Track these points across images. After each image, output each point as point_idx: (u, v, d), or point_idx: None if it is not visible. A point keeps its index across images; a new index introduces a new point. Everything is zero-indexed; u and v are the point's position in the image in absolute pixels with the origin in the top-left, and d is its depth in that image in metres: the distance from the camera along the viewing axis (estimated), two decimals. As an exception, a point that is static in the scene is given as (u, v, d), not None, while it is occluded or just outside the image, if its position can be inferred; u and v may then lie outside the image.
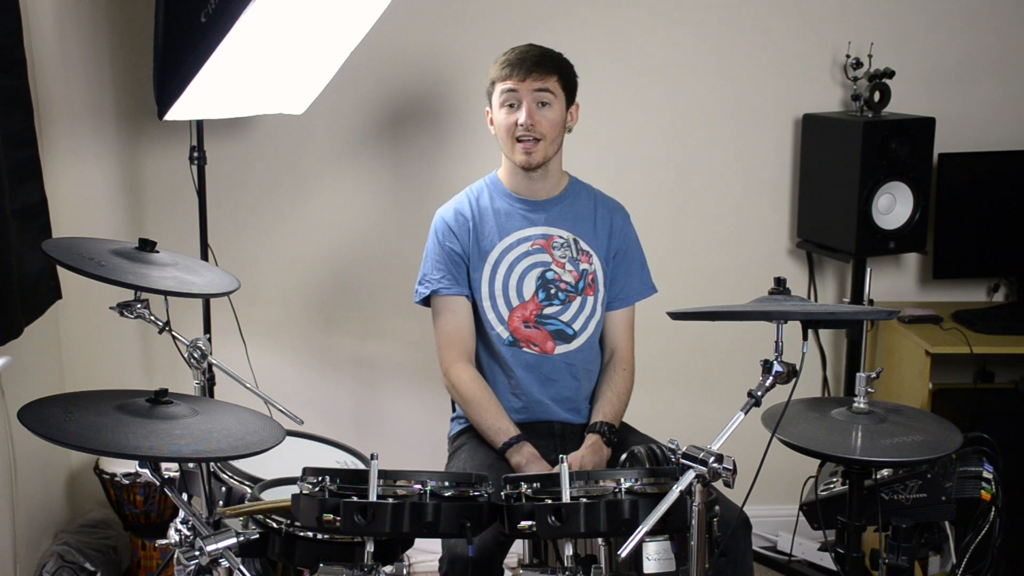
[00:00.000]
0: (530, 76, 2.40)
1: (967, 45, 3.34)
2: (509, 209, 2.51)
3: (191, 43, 2.39)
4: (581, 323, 2.50)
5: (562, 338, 2.48)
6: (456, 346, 2.48)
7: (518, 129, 2.41)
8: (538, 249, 2.49)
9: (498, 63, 2.45)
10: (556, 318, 2.48)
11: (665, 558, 1.77)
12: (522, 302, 2.47)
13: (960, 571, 2.26)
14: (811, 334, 1.85)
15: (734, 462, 1.62)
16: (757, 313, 1.83)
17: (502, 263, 2.48)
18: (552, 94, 2.42)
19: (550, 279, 2.48)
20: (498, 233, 2.49)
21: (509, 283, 2.48)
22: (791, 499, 2.47)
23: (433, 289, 2.48)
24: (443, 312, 2.49)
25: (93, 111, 3.14)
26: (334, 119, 3.21)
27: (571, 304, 2.49)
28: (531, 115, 2.40)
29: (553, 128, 2.43)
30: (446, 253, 2.49)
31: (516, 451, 2.34)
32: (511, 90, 2.41)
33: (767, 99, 3.32)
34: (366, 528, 1.72)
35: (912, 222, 3.09)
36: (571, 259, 2.50)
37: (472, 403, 2.43)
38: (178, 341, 2.13)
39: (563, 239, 2.50)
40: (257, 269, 3.25)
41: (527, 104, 2.40)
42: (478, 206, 2.52)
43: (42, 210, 2.80)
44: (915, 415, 2.13)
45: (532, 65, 2.40)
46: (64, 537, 3.01)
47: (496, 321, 2.47)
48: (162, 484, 1.75)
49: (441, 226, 2.52)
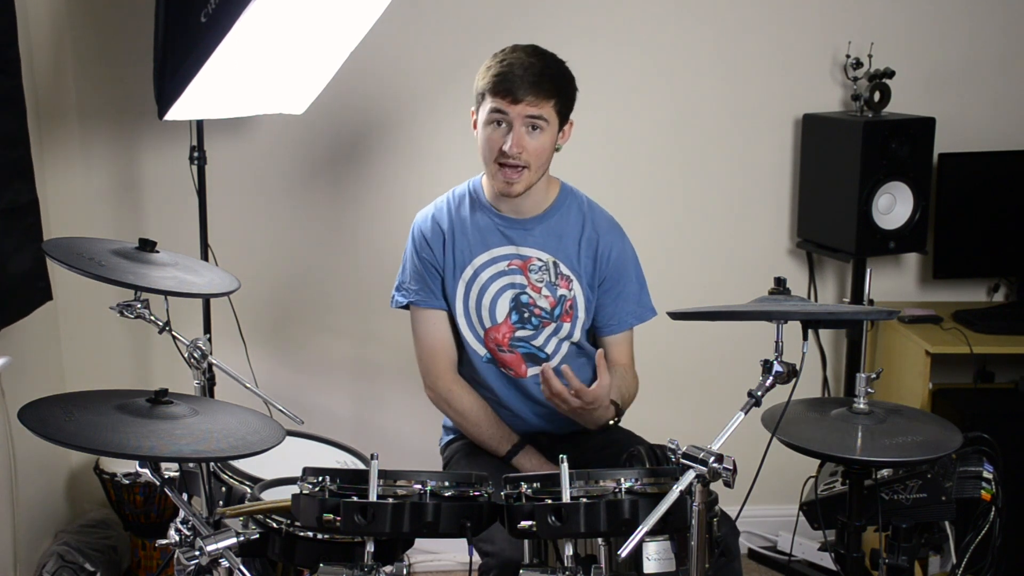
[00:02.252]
0: (524, 100, 2.16)
1: (967, 45, 3.34)
2: (488, 224, 2.36)
3: (191, 43, 2.39)
4: (553, 347, 2.40)
5: (534, 361, 2.39)
6: (439, 359, 2.40)
7: (502, 155, 2.21)
8: (514, 270, 2.35)
9: (491, 71, 2.20)
10: (528, 342, 2.38)
11: (665, 558, 1.77)
12: (495, 324, 2.37)
13: (960, 571, 2.26)
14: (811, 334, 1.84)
15: (734, 462, 1.62)
16: (757, 313, 1.83)
17: (476, 281, 2.37)
18: (545, 120, 2.20)
19: (524, 303, 2.36)
20: (473, 249, 2.36)
21: (483, 302, 2.37)
22: (791, 499, 2.46)
23: (411, 300, 2.41)
24: (422, 324, 2.41)
25: (93, 111, 3.14)
26: (334, 119, 3.20)
27: (544, 329, 2.38)
28: (519, 143, 2.19)
29: (540, 155, 2.23)
30: (422, 264, 2.39)
31: (524, 455, 2.32)
32: (500, 111, 2.19)
33: (767, 99, 3.32)
34: (366, 528, 1.72)
35: (912, 222, 3.10)
36: (548, 283, 2.35)
37: (469, 416, 2.37)
38: (178, 341, 2.13)
39: (542, 262, 2.35)
40: (257, 269, 3.25)
41: (516, 130, 2.18)
42: (457, 216, 2.38)
43: (32, 210, 2.78)
44: (915, 415, 2.13)
45: (528, 87, 2.16)
46: (64, 537, 3.01)
47: (472, 338, 2.39)
48: (162, 484, 1.75)
49: (417, 235, 2.41)
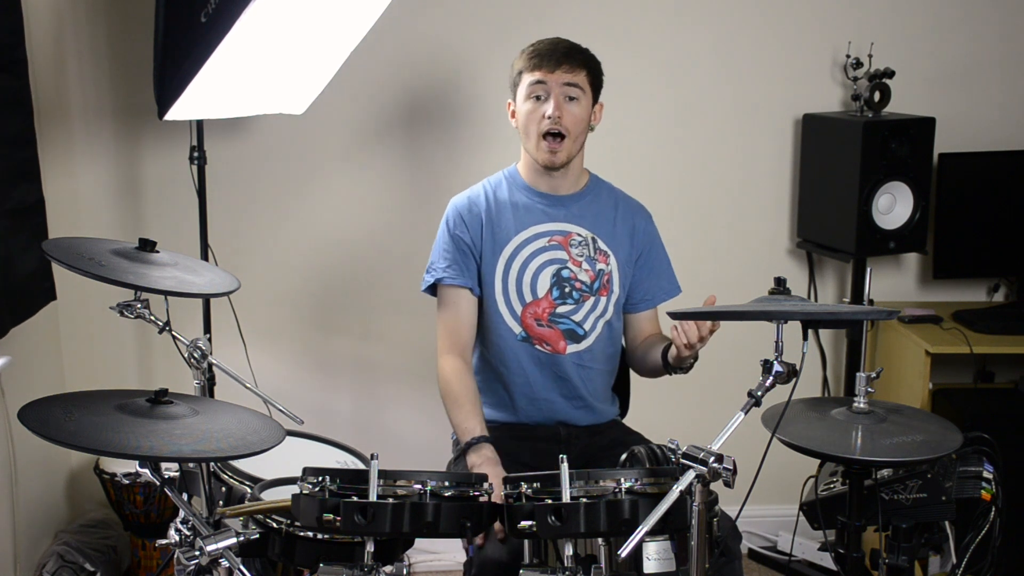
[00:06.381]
0: (560, 67, 2.33)
1: (968, 45, 3.34)
2: (528, 203, 2.45)
3: (191, 43, 2.39)
4: (591, 323, 2.46)
5: (573, 338, 2.44)
6: (449, 337, 2.43)
7: (545, 122, 2.34)
8: (555, 246, 2.44)
9: (525, 53, 2.39)
10: (568, 317, 2.44)
11: (665, 558, 1.77)
12: (535, 299, 2.42)
13: (960, 571, 2.25)
14: (811, 334, 1.85)
15: (734, 462, 1.62)
16: (757, 313, 1.83)
17: (517, 257, 2.43)
18: (581, 89, 2.36)
19: (565, 277, 2.43)
20: (515, 226, 2.43)
21: (524, 278, 2.43)
22: (791, 499, 2.46)
23: (437, 278, 2.43)
24: (445, 303, 2.44)
25: (93, 111, 3.14)
26: (334, 119, 3.20)
27: (584, 304, 2.44)
28: (559, 107, 2.33)
29: (578, 124, 2.37)
30: (455, 242, 2.43)
31: (475, 451, 2.26)
32: (540, 81, 2.34)
33: (767, 99, 3.32)
34: (366, 528, 1.72)
35: (912, 222, 3.10)
36: (588, 258, 2.44)
37: (448, 397, 2.38)
38: (178, 341, 2.13)
39: (581, 237, 2.45)
40: (257, 269, 3.25)
41: (555, 96, 2.34)
42: (495, 198, 2.46)
43: (39, 210, 2.79)
44: (915, 415, 2.13)
45: (562, 56, 2.34)
46: (64, 537, 3.01)
47: (508, 316, 2.43)
48: (162, 484, 1.75)
49: (453, 214, 2.46)
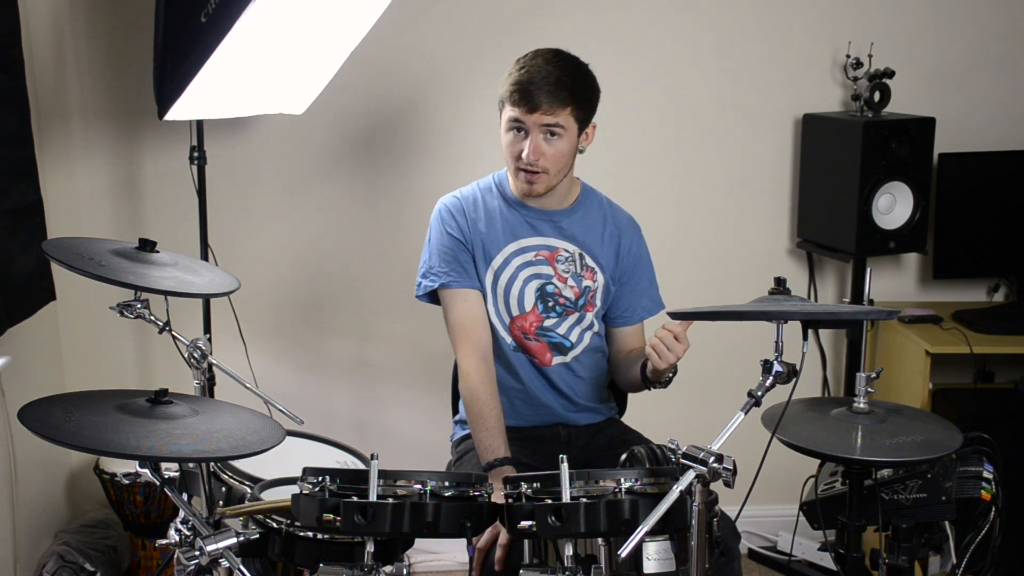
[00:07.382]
0: (539, 110, 2.22)
1: (967, 45, 3.34)
2: (515, 216, 2.41)
3: (191, 43, 2.39)
4: (577, 335, 2.44)
5: (560, 350, 2.43)
6: (469, 338, 2.36)
7: (521, 161, 2.27)
8: (541, 260, 2.40)
9: (510, 78, 2.26)
10: (554, 331, 2.42)
11: (665, 558, 1.77)
12: (522, 312, 2.41)
13: (960, 571, 2.25)
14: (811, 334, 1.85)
15: (734, 462, 1.62)
16: (757, 313, 1.83)
17: (505, 270, 2.40)
18: (562, 127, 2.25)
19: (550, 292, 2.40)
20: (503, 239, 2.39)
21: (511, 292, 2.40)
22: (791, 499, 2.46)
23: (442, 283, 2.38)
24: (455, 303, 2.38)
25: (93, 111, 3.14)
26: (334, 119, 3.20)
27: (568, 318, 2.42)
28: (536, 150, 2.25)
29: (559, 161, 2.28)
30: (452, 243, 2.38)
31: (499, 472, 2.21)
32: (518, 120, 2.25)
33: (767, 99, 3.32)
34: (366, 528, 1.71)
35: (912, 222, 3.10)
36: (574, 274, 2.41)
37: (471, 410, 2.32)
38: (178, 341, 2.13)
39: (568, 253, 2.41)
40: (257, 269, 3.25)
41: (533, 138, 2.25)
42: (484, 206, 2.42)
43: (37, 210, 2.79)
44: (915, 415, 2.13)
45: (544, 96, 2.21)
46: (64, 537, 3.01)
47: (500, 325, 2.41)
48: (162, 484, 1.75)
49: (444, 213, 2.41)
